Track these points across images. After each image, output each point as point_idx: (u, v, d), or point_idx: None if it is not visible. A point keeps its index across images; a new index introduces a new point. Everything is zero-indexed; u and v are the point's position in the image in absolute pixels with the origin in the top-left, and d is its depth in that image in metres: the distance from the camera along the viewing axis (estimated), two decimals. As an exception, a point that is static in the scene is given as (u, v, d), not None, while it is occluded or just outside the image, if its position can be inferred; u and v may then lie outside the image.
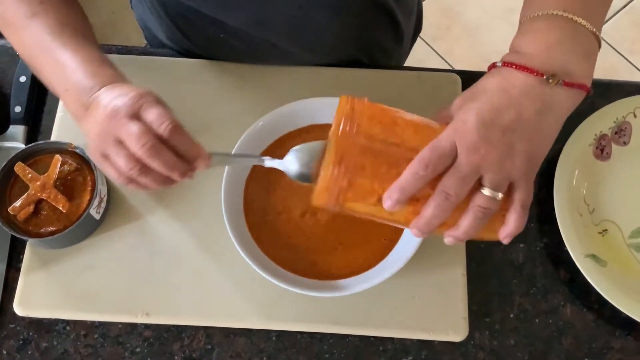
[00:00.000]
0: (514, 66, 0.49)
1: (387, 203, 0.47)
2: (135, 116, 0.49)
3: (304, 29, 0.69)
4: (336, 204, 0.49)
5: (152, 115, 0.49)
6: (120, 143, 0.49)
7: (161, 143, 0.49)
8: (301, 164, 0.53)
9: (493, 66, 0.52)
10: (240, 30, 0.69)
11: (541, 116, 0.48)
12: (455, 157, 0.47)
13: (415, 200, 0.48)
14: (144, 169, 0.49)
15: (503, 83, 0.49)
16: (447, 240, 0.50)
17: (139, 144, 0.48)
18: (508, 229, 0.49)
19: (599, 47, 0.52)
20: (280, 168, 0.55)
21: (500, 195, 0.47)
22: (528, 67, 0.49)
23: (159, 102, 0.51)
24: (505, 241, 0.50)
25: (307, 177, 0.53)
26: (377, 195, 0.48)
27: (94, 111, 0.51)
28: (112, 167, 0.51)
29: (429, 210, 0.47)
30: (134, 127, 0.48)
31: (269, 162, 0.55)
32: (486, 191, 0.47)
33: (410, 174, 0.46)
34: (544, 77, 0.48)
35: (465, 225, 0.48)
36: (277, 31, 0.69)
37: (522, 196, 0.48)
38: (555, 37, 0.50)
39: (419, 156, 0.46)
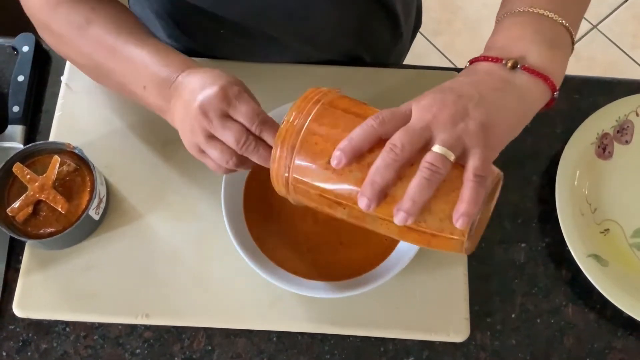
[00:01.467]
0: (479, 59, 0.52)
1: (334, 160, 0.46)
2: (225, 115, 0.51)
3: (303, 21, 0.69)
4: (290, 160, 0.48)
5: (241, 115, 0.51)
6: (214, 138, 0.52)
7: (256, 139, 0.51)
8: None
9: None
10: (238, 24, 0.69)
11: (500, 93, 0.49)
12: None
13: (365, 165, 0.46)
14: (241, 160, 0.53)
15: (467, 71, 0.52)
16: (397, 218, 0.45)
17: (238, 145, 0.51)
18: (460, 206, 0.44)
19: (572, 39, 0.54)
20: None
21: (452, 157, 0.45)
22: (488, 56, 0.51)
23: (243, 93, 0.52)
24: (459, 223, 0.44)
25: None
26: (328, 155, 0.47)
27: (178, 103, 0.53)
28: (210, 160, 0.54)
29: (373, 167, 0.45)
30: (228, 132, 0.51)
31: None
32: (436, 148, 0.45)
33: (360, 127, 0.47)
34: (503, 62, 0.50)
35: (411, 189, 0.44)
36: (275, 24, 0.69)
37: (476, 163, 0.45)
38: (517, 30, 0.53)
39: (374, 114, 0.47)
